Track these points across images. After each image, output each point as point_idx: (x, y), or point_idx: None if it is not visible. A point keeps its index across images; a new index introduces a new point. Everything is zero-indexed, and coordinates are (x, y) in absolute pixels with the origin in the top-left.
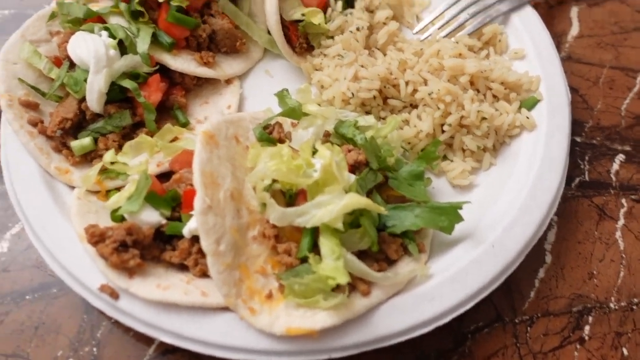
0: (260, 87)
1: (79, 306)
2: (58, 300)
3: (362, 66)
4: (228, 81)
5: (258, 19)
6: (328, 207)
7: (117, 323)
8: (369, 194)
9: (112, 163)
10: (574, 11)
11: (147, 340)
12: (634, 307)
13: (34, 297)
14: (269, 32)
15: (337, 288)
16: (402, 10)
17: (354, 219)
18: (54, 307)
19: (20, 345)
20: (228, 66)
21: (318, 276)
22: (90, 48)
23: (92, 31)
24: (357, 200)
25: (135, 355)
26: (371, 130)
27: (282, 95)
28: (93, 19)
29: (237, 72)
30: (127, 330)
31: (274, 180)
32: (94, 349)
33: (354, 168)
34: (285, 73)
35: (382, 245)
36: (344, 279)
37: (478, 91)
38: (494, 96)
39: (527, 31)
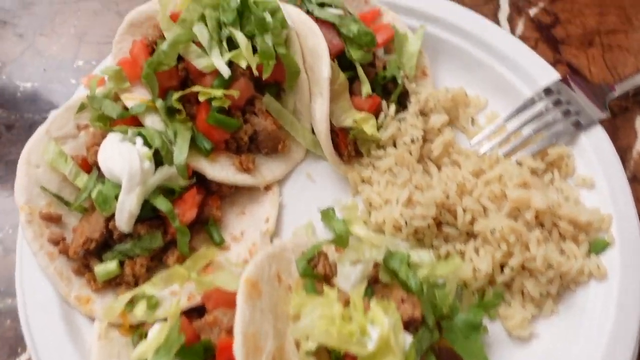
0: (300, 193)
1: None
2: None
3: (416, 187)
4: (267, 187)
5: (302, 117)
6: None
7: None
8: (423, 356)
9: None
10: (638, 122)
11: None
12: None
13: None
14: (313, 132)
15: None
16: (457, 112)
17: None
18: None
19: None
20: (268, 170)
21: None
22: (124, 162)
23: (125, 133)
24: None
25: None
26: (425, 269)
27: (328, 215)
28: (127, 122)
29: (277, 177)
30: None
31: None
32: None
33: (407, 324)
34: (327, 178)
35: None
36: None
37: (542, 226)
38: (560, 234)
39: (597, 157)
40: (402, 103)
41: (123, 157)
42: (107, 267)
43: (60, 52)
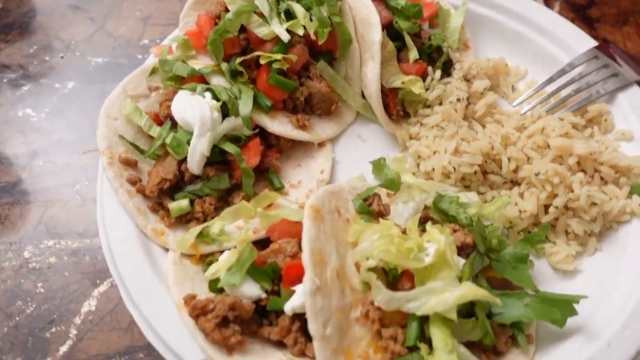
0: (352, 151)
1: None
2: None
3: (462, 139)
4: (320, 144)
5: (353, 83)
6: (442, 296)
7: None
8: (474, 278)
9: (220, 233)
10: None
11: None
12: None
13: None
14: (363, 96)
15: None
16: (498, 80)
17: (464, 307)
18: None
19: None
20: (321, 129)
21: None
22: (195, 110)
23: (194, 91)
24: (475, 292)
25: None
26: (474, 208)
27: (379, 164)
28: (195, 78)
29: (330, 135)
30: None
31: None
32: None
33: (460, 250)
34: (377, 138)
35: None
36: None
37: (585, 173)
38: (602, 179)
39: (635, 112)
40: (446, 71)
41: (194, 107)
42: (179, 204)
43: (127, 32)
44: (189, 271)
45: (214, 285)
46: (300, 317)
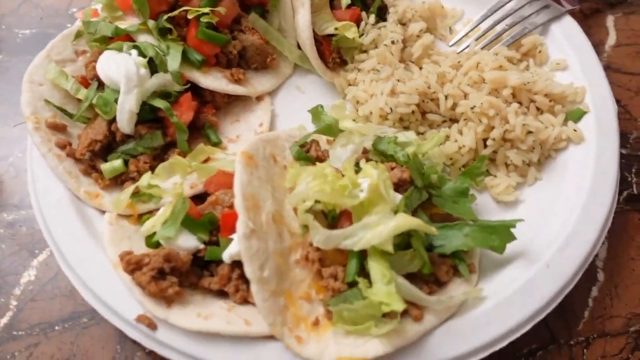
0: (291, 103)
1: (111, 336)
2: (89, 331)
3: (399, 80)
4: (259, 98)
5: (288, 34)
6: (377, 229)
7: (152, 354)
8: (414, 213)
9: (149, 186)
10: (610, 20)
11: None
12: None
13: (64, 327)
14: (299, 47)
15: (388, 314)
16: (434, 23)
17: (402, 240)
18: (85, 337)
19: None
20: (258, 83)
21: (369, 302)
22: (120, 67)
23: (120, 50)
24: (408, 222)
25: None
26: (412, 147)
27: (317, 112)
28: (121, 38)
29: (267, 88)
30: None
31: (317, 202)
32: None
33: (397, 187)
34: (316, 89)
35: (431, 267)
36: (399, 305)
37: (521, 104)
38: (538, 109)
39: (568, 41)
40: (381, 17)
41: (119, 64)
42: (112, 164)
43: (54, 2)
44: (126, 231)
45: (150, 241)
46: (240, 265)
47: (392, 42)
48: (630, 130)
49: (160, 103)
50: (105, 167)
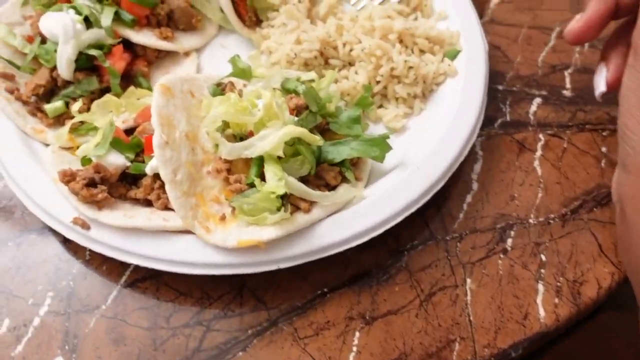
0: (216, 58)
1: (56, 248)
2: (37, 245)
3: (304, 32)
4: (187, 54)
5: None
6: (269, 138)
7: (90, 260)
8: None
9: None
10: None
11: (117, 272)
12: (551, 221)
13: (16, 242)
14: (222, 11)
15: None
16: None
17: (294, 150)
18: (34, 250)
19: (4, 283)
20: (186, 41)
21: (263, 194)
22: (59, 22)
23: (60, 10)
24: (294, 130)
25: (107, 285)
26: (313, 84)
27: (234, 60)
28: (61, 1)
29: (194, 45)
30: (99, 265)
31: (224, 122)
32: (71, 283)
33: (295, 112)
34: (238, 45)
35: (321, 173)
36: (282, 190)
37: (406, 47)
38: (421, 50)
39: None
40: None
41: (57, 20)
42: (54, 105)
43: None
44: (66, 157)
45: (85, 160)
46: (161, 177)
47: (299, 1)
48: (507, 71)
49: (94, 51)
50: (48, 107)
